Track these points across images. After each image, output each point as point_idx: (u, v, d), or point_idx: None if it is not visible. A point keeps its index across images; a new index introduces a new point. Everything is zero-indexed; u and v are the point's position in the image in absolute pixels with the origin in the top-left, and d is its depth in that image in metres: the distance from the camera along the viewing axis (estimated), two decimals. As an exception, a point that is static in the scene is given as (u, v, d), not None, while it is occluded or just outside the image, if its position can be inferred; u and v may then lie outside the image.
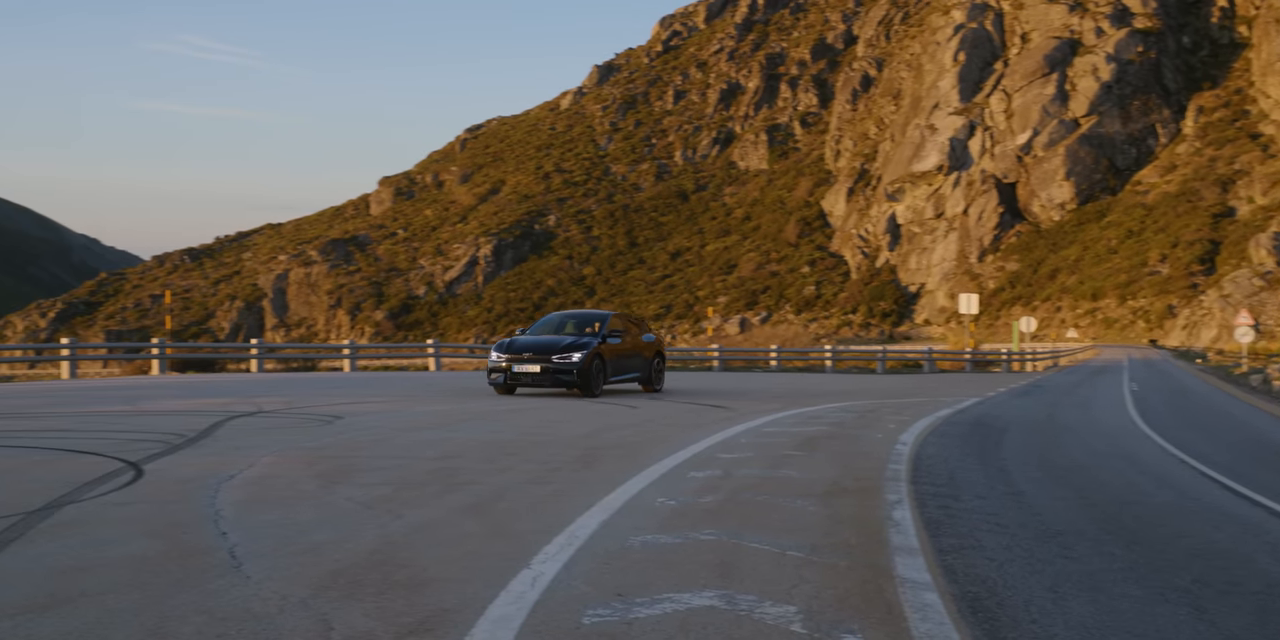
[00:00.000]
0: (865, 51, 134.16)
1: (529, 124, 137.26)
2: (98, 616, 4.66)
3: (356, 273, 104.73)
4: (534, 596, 5.11)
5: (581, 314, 21.22)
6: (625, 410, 16.82)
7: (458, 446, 11.18)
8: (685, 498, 8.02)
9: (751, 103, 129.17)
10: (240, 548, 6.04)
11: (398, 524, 6.82)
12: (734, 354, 45.96)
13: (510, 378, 18.88)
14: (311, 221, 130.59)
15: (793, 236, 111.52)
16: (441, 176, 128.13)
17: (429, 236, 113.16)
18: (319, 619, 4.69)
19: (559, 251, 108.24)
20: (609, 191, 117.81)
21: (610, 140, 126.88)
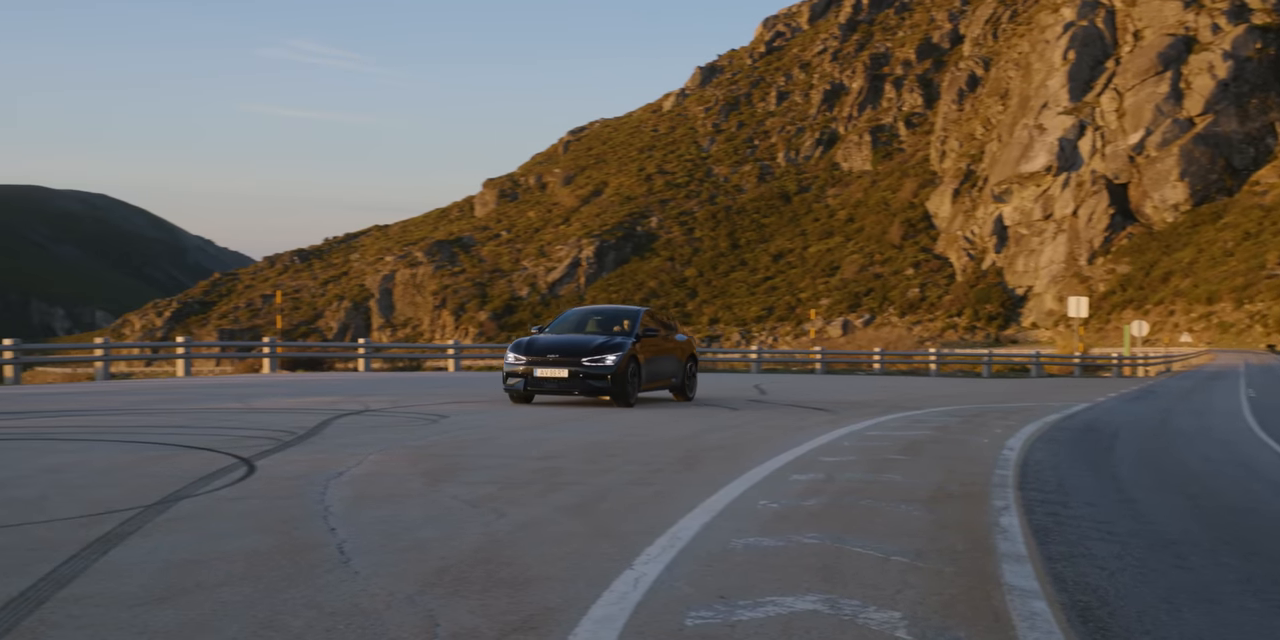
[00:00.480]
0: (972, 50, 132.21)
1: (631, 126, 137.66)
2: (212, 609, 4.77)
3: (461, 274, 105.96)
4: (636, 597, 5.12)
5: (608, 310, 18.62)
6: (725, 412, 16.78)
7: (560, 446, 11.25)
8: (788, 500, 7.97)
9: (855, 103, 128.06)
10: (348, 544, 6.14)
11: (502, 522, 6.88)
12: (836, 356, 45.63)
13: (530, 384, 16.35)
14: (417, 223, 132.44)
15: (897, 238, 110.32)
16: (545, 178, 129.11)
17: (532, 238, 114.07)
18: (425, 615, 4.75)
19: (661, 253, 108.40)
20: (711, 193, 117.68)
21: (713, 142, 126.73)
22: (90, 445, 10.46)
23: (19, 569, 5.37)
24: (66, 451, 9.93)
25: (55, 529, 6.36)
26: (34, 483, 8.01)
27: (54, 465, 8.95)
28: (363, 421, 13.53)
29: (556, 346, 16.51)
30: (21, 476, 8.28)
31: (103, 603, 4.81)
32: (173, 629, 4.47)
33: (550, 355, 16.31)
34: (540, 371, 16.20)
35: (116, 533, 6.27)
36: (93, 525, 6.47)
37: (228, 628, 4.50)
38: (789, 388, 25.94)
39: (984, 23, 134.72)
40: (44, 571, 5.32)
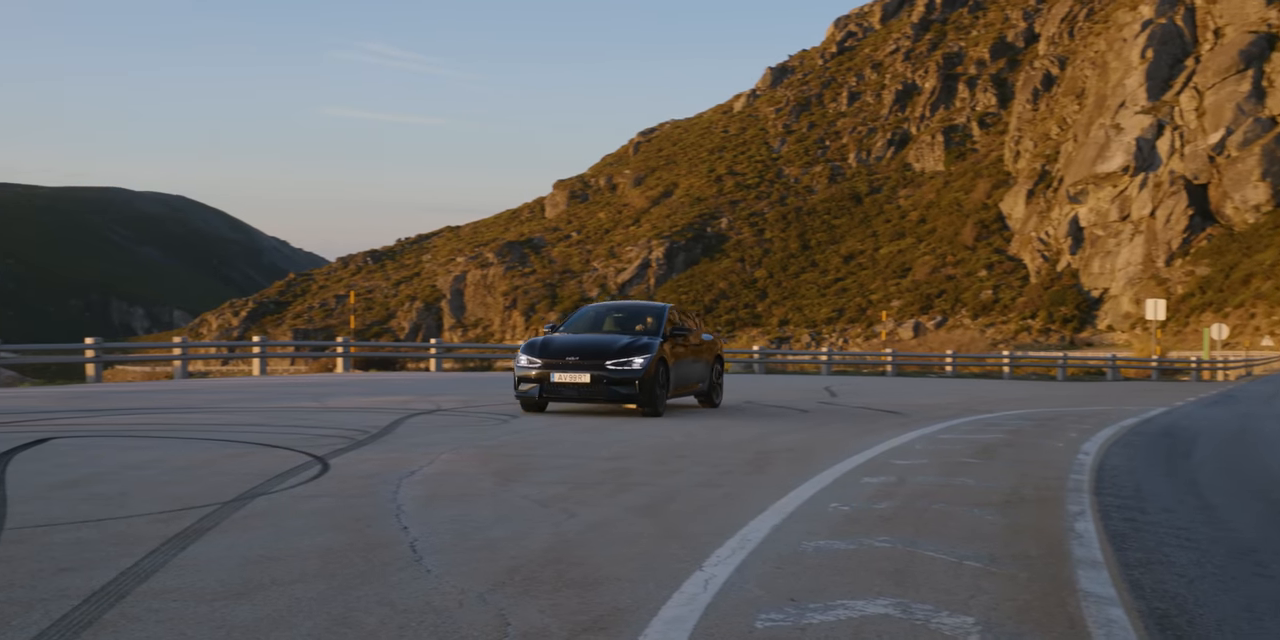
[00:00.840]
0: (1047, 49, 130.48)
1: (702, 127, 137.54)
2: (287, 604, 4.84)
3: (531, 274, 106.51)
4: (706, 599, 5.11)
5: (629, 306, 17.07)
6: (795, 414, 16.71)
7: (629, 447, 11.27)
8: (858, 503, 7.92)
9: (928, 103, 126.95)
10: (420, 542, 6.20)
11: (572, 523, 6.91)
12: (908, 359, 45.29)
13: (546, 390, 14.58)
14: (488, 224, 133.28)
15: (970, 239, 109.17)
16: (615, 179, 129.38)
17: (602, 239, 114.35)
18: (496, 614, 4.78)
19: (731, 254, 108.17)
20: (781, 194, 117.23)
21: (783, 142, 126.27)
22: (169, 443, 10.66)
23: (102, 563, 5.48)
24: (146, 448, 10.13)
25: (136, 524, 6.48)
26: (116, 479, 8.17)
27: (135, 462, 9.12)
28: (434, 421, 13.67)
29: (576, 347, 14.79)
30: (104, 473, 8.46)
31: (181, 597, 4.90)
32: (249, 624, 4.54)
33: (569, 357, 14.56)
34: (558, 376, 14.44)
35: (195, 529, 6.38)
36: (172, 521, 6.59)
37: (302, 623, 4.57)
38: (859, 390, 25.78)
39: (1060, 21, 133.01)
40: (125, 565, 5.43)
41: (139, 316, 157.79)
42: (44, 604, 4.72)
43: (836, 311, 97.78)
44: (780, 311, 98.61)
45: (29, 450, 9.73)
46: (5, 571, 5.27)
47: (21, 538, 6.05)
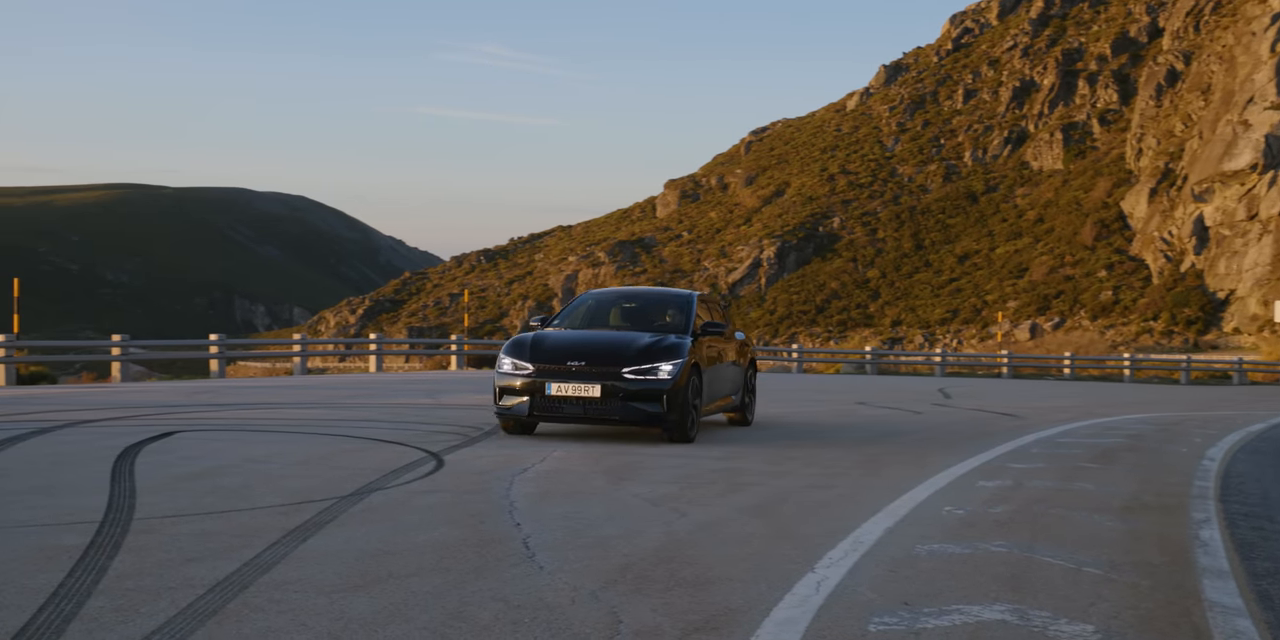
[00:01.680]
0: (1172, 44, 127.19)
1: (814, 125, 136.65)
2: (403, 598, 4.92)
3: (642, 274, 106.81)
4: (818, 601, 5.08)
5: (643, 294, 13.43)
6: (908, 416, 16.52)
7: (739, 448, 11.25)
8: (974, 507, 7.80)
9: (1046, 100, 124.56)
10: (533, 539, 6.25)
11: (683, 522, 6.92)
12: (1024, 360, 44.53)
13: (539, 406, 10.98)
14: (600, 223, 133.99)
15: (1089, 239, 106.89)
16: (726, 179, 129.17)
17: (713, 238, 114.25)
18: (608, 612, 4.80)
19: (843, 254, 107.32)
20: (895, 193, 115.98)
21: (897, 141, 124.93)
22: (289, 437, 10.90)
23: (225, 553, 5.63)
24: (267, 443, 10.37)
25: (258, 516, 6.64)
26: (238, 472, 8.38)
27: (256, 456, 9.35)
28: (546, 419, 13.77)
29: (582, 348, 11.25)
30: (227, 466, 8.68)
31: (302, 588, 5.01)
32: (367, 616, 4.62)
33: (573, 362, 10.99)
34: (556, 387, 10.90)
35: (314, 521, 6.52)
36: (292, 514, 6.74)
37: (419, 617, 4.63)
38: (974, 392, 25.38)
39: (1185, 15, 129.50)
40: (248, 557, 5.57)
41: (260, 314, 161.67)
42: (171, 593, 4.86)
43: (950, 312, 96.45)
44: (893, 312, 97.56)
45: (156, 443, 10.03)
46: (134, 560, 5.44)
47: (150, 528, 6.24)
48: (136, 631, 4.30)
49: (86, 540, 5.86)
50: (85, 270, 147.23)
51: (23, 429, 10.97)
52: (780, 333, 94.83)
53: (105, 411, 13.32)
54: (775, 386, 25.45)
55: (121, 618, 4.47)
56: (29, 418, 12.36)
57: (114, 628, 4.34)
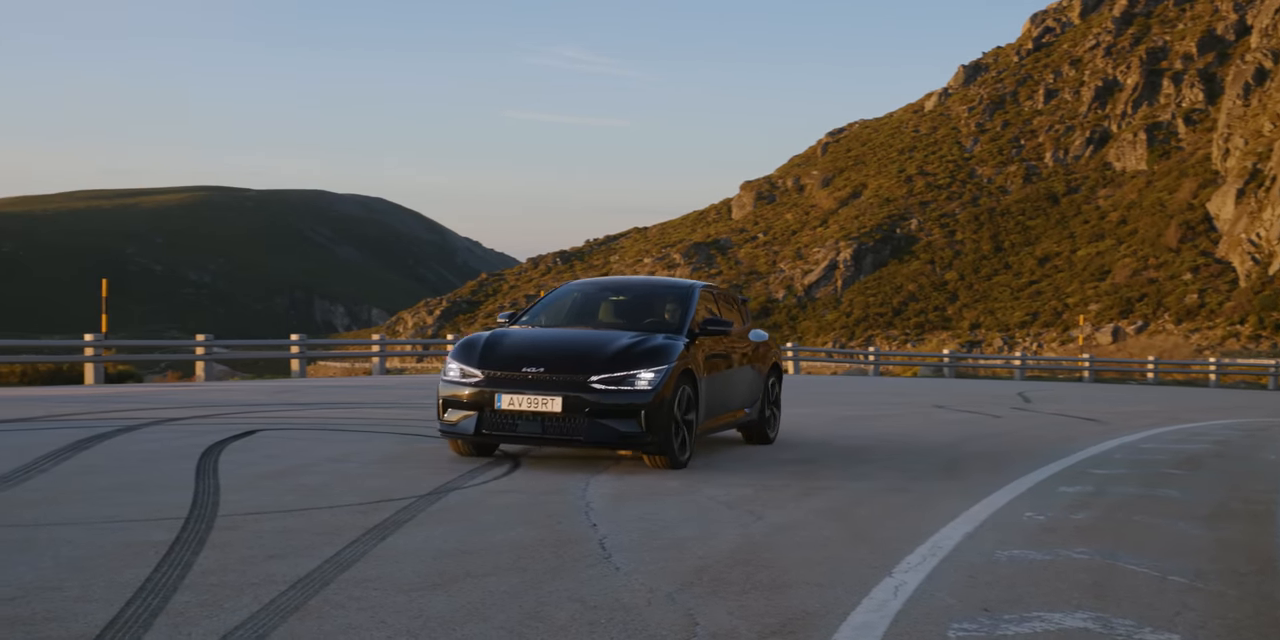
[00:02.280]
0: (1260, 42, 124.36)
1: (892, 126, 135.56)
2: (481, 597, 4.95)
3: (718, 275, 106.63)
4: (896, 606, 5.03)
5: (635, 285, 11.14)
6: (988, 420, 16.33)
7: (816, 450, 11.20)
8: (1055, 513, 7.69)
9: (1130, 100, 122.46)
10: (609, 540, 6.27)
11: (758, 525, 6.90)
12: (1106, 364, 43.86)
13: (488, 422, 8.95)
14: (675, 225, 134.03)
15: (1173, 241, 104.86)
16: (802, 180, 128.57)
17: (789, 240, 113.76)
18: (684, 614, 4.80)
19: (920, 256, 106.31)
20: (974, 194, 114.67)
21: (976, 142, 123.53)
22: (368, 436, 11.03)
23: (306, 551, 5.71)
24: (347, 442, 10.50)
25: (338, 515, 6.73)
26: (319, 470, 8.50)
27: (336, 454, 9.47)
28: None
29: (541, 351, 9.18)
30: (308, 464, 8.80)
31: (381, 586, 5.06)
32: (445, 615, 4.66)
33: (529, 368, 8.94)
34: (508, 399, 8.87)
35: (393, 520, 6.59)
36: (371, 512, 6.81)
37: (496, 616, 4.66)
38: (1055, 396, 25.03)
39: (1274, 12, 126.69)
40: (328, 554, 5.64)
41: (339, 314, 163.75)
42: (254, 589, 4.94)
43: (1030, 315, 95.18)
44: (971, 315, 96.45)
45: (239, 441, 10.19)
46: (218, 556, 5.54)
47: (233, 524, 6.34)
48: (221, 626, 4.38)
49: (172, 536, 5.97)
50: (170, 271, 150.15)
51: (110, 426, 11.21)
52: (856, 335, 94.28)
53: (190, 410, 13.57)
54: (851, 389, 25.29)
55: (206, 612, 4.55)
56: (116, 416, 12.63)
57: (199, 622, 4.41)
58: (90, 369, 22.18)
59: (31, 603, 4.61)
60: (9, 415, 12.43)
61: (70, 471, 8.13)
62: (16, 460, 8.53)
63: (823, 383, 29.31)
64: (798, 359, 38.33)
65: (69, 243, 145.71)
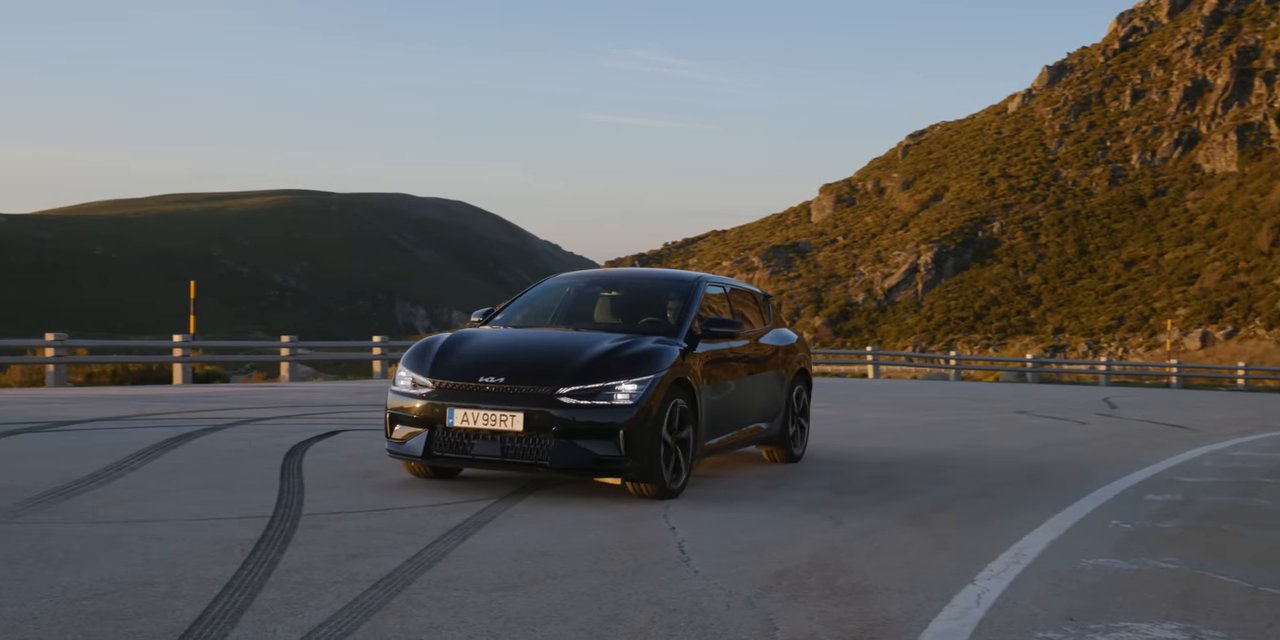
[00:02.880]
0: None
1: (973, 128, 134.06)
2: (560, 598, 4.97)
3: (796, 279, 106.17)
4: (979, 613, 4.97)
5: (627, 278, 9.72)
6: (1072, 426, 16.08)
7: (897, 455, 11.10)
8: (1141, 522, 7.55)
9: (1220, 101, 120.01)
10: (688, 543, 6.26)
11: (838, 529, 6.85)
12: (1194, 370, 43.01)
13: (440, 442, 7.59)
14: (754, 228, 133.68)
15: (1265, 244, 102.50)
16: (883, 183, 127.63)
17: (868, 243, 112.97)
18: (763, 618, 4.78)
19: (1003, 259, 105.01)
20: (1058, 197, 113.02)
21: (1060, 144, 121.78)
22: (449, 437, 11.10)
23: (388, 550, 5.77)
24: (428, 443, 10.57)
25: (419, 515, 6.80)
26: (400, 470, 8.58)
27: (417, 455, 9.54)
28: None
29: (503, 358, 7.81)
30: (389, 464, 8.90)
31: (462, 586, 5.10)
32: (525, 615, 4.68)
33: (487, 378, 7.55)
34: (461, 414, 7.49)
35: (473, 521, 6.64)
36: (452, 513, 6.87)
37: (576, 617, 4.68)
38: (1141, 402, 24.59)
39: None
40: (410, 554, 5.70)
41: (420, 316, 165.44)
42: (337, 587, 5.01)
43: (1116, 320, 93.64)
44: (1055, 319, 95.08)
45: (323, 441, 10.34)
46: (302, 554, 5.62)
47: (316, 524, 6.43)
48: (305, 624, 4.44)
49: (258, 534, 6.07)
50: (256, 273, 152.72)
51: (198, 426, 11.43)
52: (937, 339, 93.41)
53: (274, 410, 13.79)
54: (931, 394, 25.04)
55: (291, 610, 4.62)
56: (204, 415, 12.87)
57: (284, 619, 4.48)
58: (179, 369, 22.62)
59: (122, 598, 4.71)
60: (101, 414, 12.73)
61: (159, 470, 8.30)
62: (108, 458, 8.73)
63: (902, 387, 29.05)
64: (877, 363, 38.03)
65: (159, 245, 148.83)
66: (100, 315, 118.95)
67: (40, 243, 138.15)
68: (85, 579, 4.98)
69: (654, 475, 7.50)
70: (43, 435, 10.47)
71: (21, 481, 7.53)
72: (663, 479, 7.57)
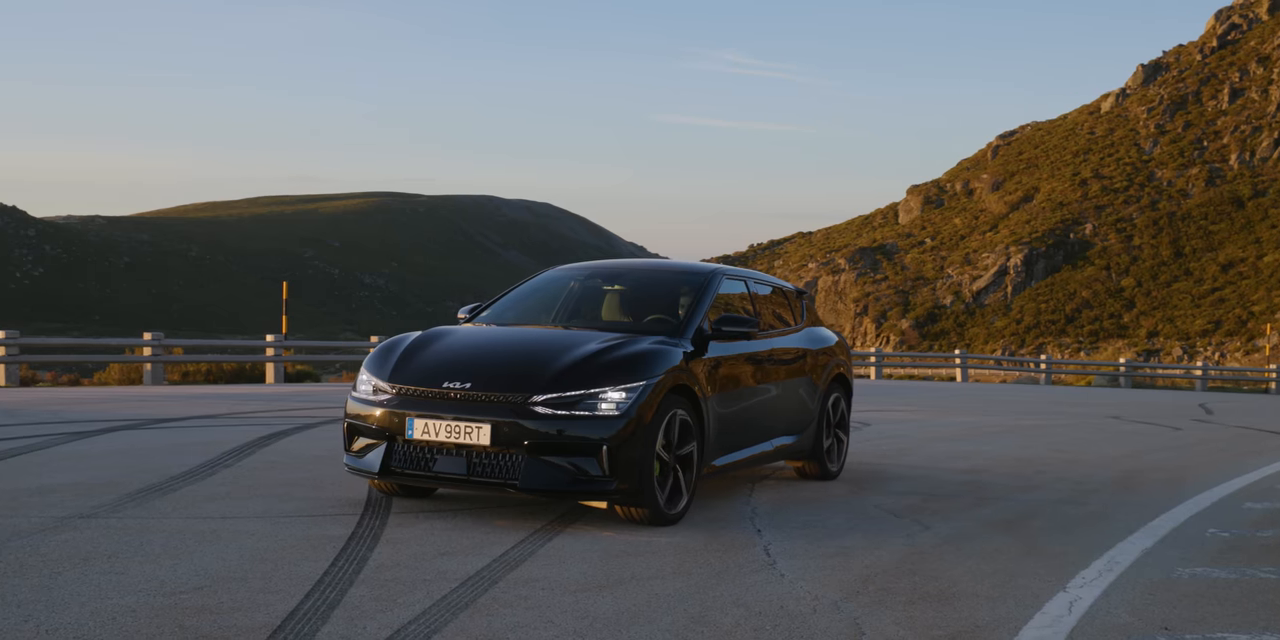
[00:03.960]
0: None
1: (1065, 128, 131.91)
2: (646, 599, 4.98)
3: (883, 281, 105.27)
4: (1071, 621, 4.89)
5: (632, 270, 8.52)
6: (1166, 432, 15.75)
7: (986, 460, 10.95)
8: (1240, 530, 7.37)
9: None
10: (774, 546, 6.24)
11: (926, 534, 6.78)
12: (1294, 376, 41.86)
13: (400, 457, 6.56)
14: (840, 230, 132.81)
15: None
16: (972, 184, 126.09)
17: (957, 245, 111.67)
18: (850, 623, 4.75)
19: (1095, 261, 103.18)
20: (1152, 198, 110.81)
21: (1155, 144, 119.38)
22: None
23: (476, 549, 5.82)
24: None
25: (505, 514, 6.84)
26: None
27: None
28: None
29: (471, 360, 6.84)
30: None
31: (548, 586, 5.13)
32: (611, 616, 4.69)
33: (451, 383, 6.58)
34: (423, 425, 6.51)
35: (559, 521, 6.67)
36: (539, 512, 6.91)
37: (661, 619, 4.68)
38: (1239, 408, 24.01)
39: None
40: (497, 553, 5.75)
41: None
42: (425, 585, 5.06)
43: (1213, 324, 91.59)
44: (1149, 323, 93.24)
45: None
46: (391, 552, 5.69)
47: (405, 522, 6.51)
48: (394, 620, 4.49)
49: (348, 531, 6.16)
50: (345, 274, 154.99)
51: (289, 424, 11.63)
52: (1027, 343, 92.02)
53: (364, 409, 13.96)
54: (1021, 398, 24.68)
55: (380, 607, 4.68)
56: (295, 414, 13.08)
57: (374, 616, 4.54)
58: (271, 368, 23.04)
59: (218, 592, 4.81)
60: (196, 412, 13.01)
61: (252, 467, 8.46)
62: (203, 455, 8.92)
63: (991, 391, 28.65)
64: (965, 366, 37.57)
65: (252, 247, 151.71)
66: (197, 315, 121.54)
67: (138, 244, 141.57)
68: (182, 573, 5.09)
69: (645, 498, 6.45)
70: (140, 432, 10.72)
71: (121, 477, 7.71)
72: (657, 502, 6.54)
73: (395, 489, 7.21)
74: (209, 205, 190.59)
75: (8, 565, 5.12)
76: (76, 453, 9.01)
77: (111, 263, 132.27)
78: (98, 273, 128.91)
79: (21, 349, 20.46)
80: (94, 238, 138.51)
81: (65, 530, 5.92)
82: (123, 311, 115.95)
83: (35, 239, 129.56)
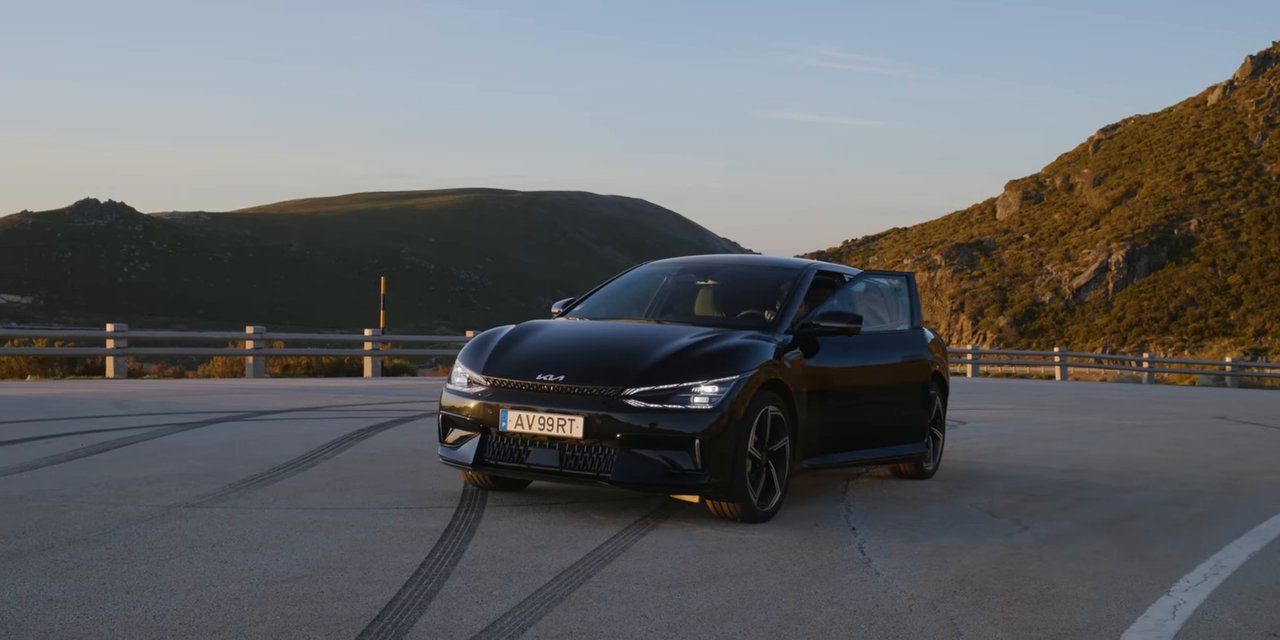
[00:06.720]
0: None
1: (1170, 122, 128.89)
2: (740, 596, 4.97)
3: (980, 278, 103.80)
4: (1175, 626, 4.78)
5: (729, 265, 8.54)
6: (1275, 433, 15.33)
7: (1085, 459, 10.76)
8: (1353, 535, 7.15)
9: None
10: (869, 544, 6.19)
11: (1024, 535, 6.68)
12: None
13: (493, 449, 6.60)
14: (936, 226, 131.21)
15: None
16: (1072, 179, 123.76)
17: (1056, 241, 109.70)
18: (947, 623, 4.69)
19: (1200, 258, 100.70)
20: (1261, 193, 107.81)
21: (1264, 137, 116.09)
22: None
23: (570, 543, 5.86)
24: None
25: (600, 508, 6.88)
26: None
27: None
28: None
29: (564, 353, 6.84)
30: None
31: (641, 581, 5.14)
32: (705, 612, 4.69)
33: (545, 376, 6.59)
34: (516, 417, 6.52)
35: (653, 516, 6.69)
36: (632, 507, 6.93)
37: (755, 615, 4.67)
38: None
39: None
40: (590, 547, 5.77)
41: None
42: (521, 578, 5.10)
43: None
44: (1256, 321, 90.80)
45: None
46: (487, 545, 5.74)
47: (500, 515, 6.57)
48: (490, 613, 4.54)
49: (445, 524, 6.23)
50: (441, 269, 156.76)
51: (387, 417, 11.80)
52: (1129, 341, 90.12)
53: (459, 403, 14.11)
54: (1122, 397, 24.20)
55: (476, 599, 4.73)
56: (392, 407, 13.28)
57: (470, 608, 4.59)
58: (369, 362, 23.39)
59: (318, 582, 4.89)
60: (297, 405, 13.25)
61: (351, 459, 8.60)
62: (304, 447, 9.09)
63: (1092, 389, 28.13)
64: (1065, 364, 36.95)
65: (350, 242, 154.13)
66: (297, 309, 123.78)
67: (240, 240, 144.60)
68: (283, 562, 5.19)
69: (738, 493, 6.42)
70: (243, 423, 10.95)
71: (224, 468, 7.89)
72: (749, 499, 6.50)
73: (489, 482, 7.23)
74: (308, 201, 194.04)
75: (116, 552, 5.27)
76: (182, 443, 9.24)
77: (215, 258, 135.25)
78: (201, 268, 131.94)
79: (130, 342, 21.02)
80: (198, 233, 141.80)
81: (171, 519, 6.08)
82: (225, 306, 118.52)
83: (142, 235, 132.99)
